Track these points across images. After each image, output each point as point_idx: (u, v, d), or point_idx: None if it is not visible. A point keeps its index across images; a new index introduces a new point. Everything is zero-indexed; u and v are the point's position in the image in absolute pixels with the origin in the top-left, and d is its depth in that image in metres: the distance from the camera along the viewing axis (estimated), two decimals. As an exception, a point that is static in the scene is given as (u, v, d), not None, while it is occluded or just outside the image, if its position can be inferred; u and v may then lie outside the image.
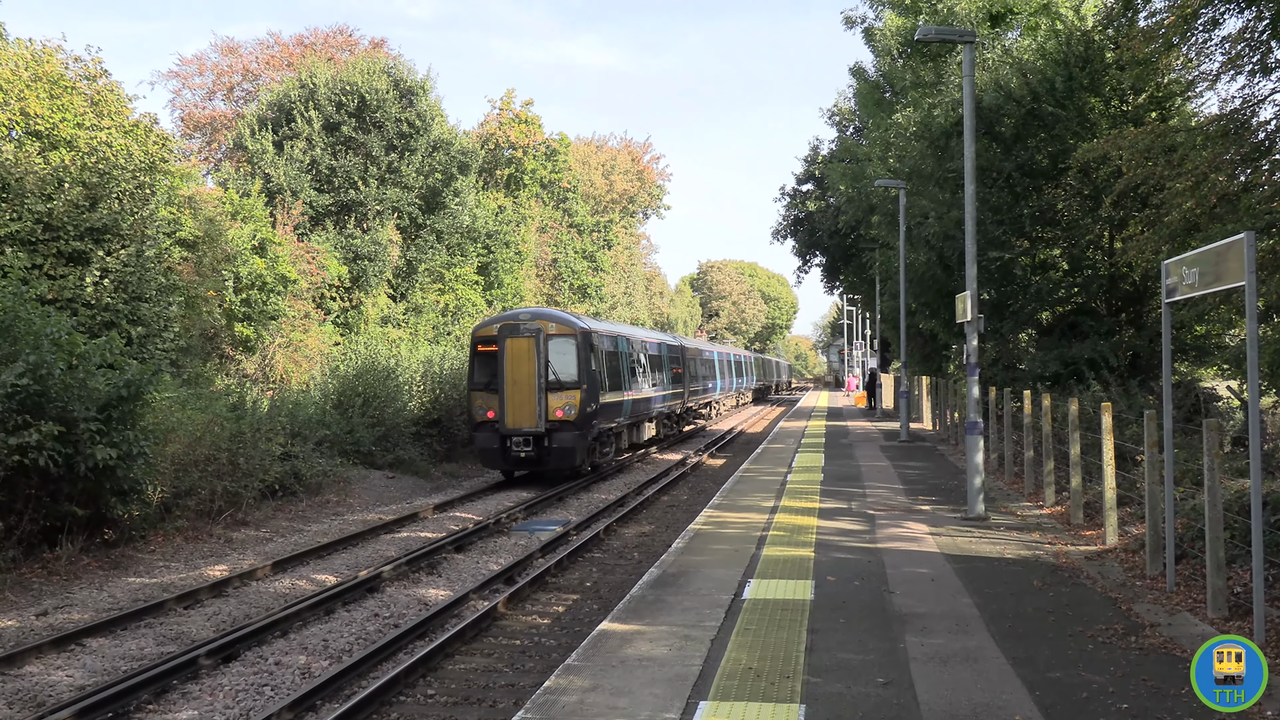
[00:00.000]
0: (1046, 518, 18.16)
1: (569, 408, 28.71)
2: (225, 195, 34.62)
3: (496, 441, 28.61)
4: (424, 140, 44.45)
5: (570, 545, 19.86)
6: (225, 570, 17.59)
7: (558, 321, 29.38)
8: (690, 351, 51.00)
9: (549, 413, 28.57)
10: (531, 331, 28.70)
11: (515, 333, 28.72)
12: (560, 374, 28.84)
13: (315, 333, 36.26)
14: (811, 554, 14.85)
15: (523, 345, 28.61)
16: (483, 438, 28.88)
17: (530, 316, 29.25)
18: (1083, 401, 19.68)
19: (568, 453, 28.80)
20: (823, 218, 61.78)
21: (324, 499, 25.15)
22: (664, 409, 41.39)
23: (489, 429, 28.72)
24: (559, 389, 28.73)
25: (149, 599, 15.40)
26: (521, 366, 28.59)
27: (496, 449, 28.69)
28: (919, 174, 30.49)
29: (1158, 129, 18.90)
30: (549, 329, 28.91)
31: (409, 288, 44.80)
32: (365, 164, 43.30)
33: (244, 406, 24.96)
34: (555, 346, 28.90)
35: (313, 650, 12.93)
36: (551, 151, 66.23)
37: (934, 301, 32.43)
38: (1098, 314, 26.24)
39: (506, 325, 28.98)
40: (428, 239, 44.76)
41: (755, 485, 23.47)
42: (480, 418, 28.86)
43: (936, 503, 20.33)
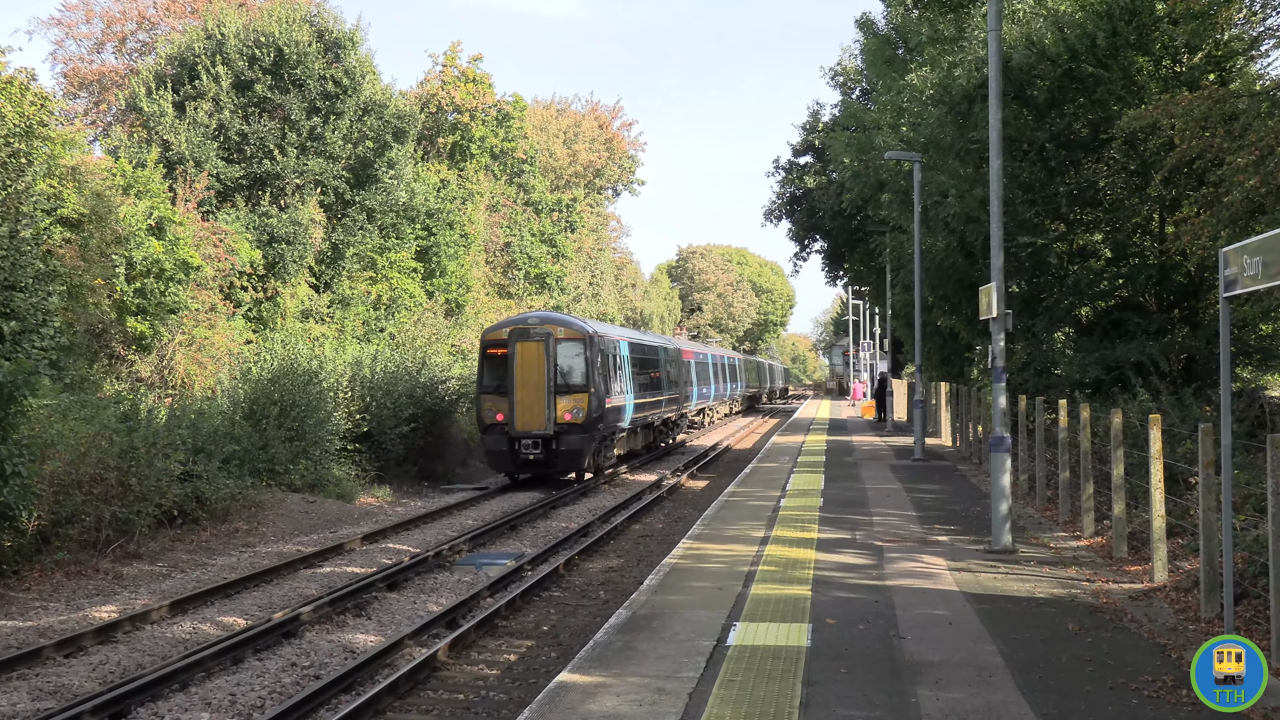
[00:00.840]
0: (1084, 550, 18.23)
1: (577, 410, 33.87)
2: (116, 166, 34.42)
3: (505, 444, 33.63)
4: (353, 102, 44.32)
5: (524, 582, 19.82)
6: (114, 611, 17.47)
7: (566, 326, 34.90)
8: (671, 353, 52.04)
9: (557, 415, 33.63)
10: (541, 335, 33.95)
11: (525, 336, 33.94)
12: (568, 377, 34.14)
13: (223, 329, 36.09)
14: (808, 593, 14.86)
15: (533, 349, 33.80)
16: (492, 440, 33.97)
17: (539, 320, 34.81)
18: (1128, 413, 19.76)
19: (575, 455, 33.96)
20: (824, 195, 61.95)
21: (232, 527, 25.02)
22: (656, 417, 46.06)
23: (498, 431, 33.72)
24: (567, 392, 33.95)
25: (23, 645, 15.28)
26: (531, 370, 33.72)
27: (505, 451, 33.74)
28: (937, 145, 30.60)
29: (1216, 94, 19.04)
30: (558, 333, 34.30)
31: (335, 276, 44.66)
32: (283, 130, 43.14)
33: (137, 416, 24.78)
34: (564, 350, 34.25)
35: (217, 706, 12.86)
36: (504, 116, 66.15)
37: (954, 295, 32.58)
38: (1146, 310, 26.40)
39: (517, 329, 34.18)
40: (357, 218, 44.63)
41: (743, 512, 23.47)
42: (489, 420, 33.85)
43: (956, 533, 20.39)
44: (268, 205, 41.44)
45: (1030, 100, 26.49)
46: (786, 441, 45.10)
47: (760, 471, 32.41)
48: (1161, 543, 15.36)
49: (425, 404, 37.11)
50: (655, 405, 45.85)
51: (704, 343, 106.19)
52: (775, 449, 41.30)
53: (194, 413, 27.61)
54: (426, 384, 38.06)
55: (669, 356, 51.03)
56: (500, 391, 33.70)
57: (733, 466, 41.25)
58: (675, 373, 52.42)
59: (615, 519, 27.81)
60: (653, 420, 45.77)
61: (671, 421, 51.51)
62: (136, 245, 31.85)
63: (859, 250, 60.55)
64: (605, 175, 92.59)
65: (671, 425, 51.74)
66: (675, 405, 51.89)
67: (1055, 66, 25.97)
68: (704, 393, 64.47)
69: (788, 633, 12.69)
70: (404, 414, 35.52)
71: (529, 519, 28.13)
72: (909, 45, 40.64)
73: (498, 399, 33.69)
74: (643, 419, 43.28)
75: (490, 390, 33.95)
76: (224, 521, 25.15)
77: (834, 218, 60.28)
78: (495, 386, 33.88)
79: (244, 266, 38.24)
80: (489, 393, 33.94)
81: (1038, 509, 23.21)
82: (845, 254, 64.55)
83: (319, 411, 31.25)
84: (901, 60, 41.54)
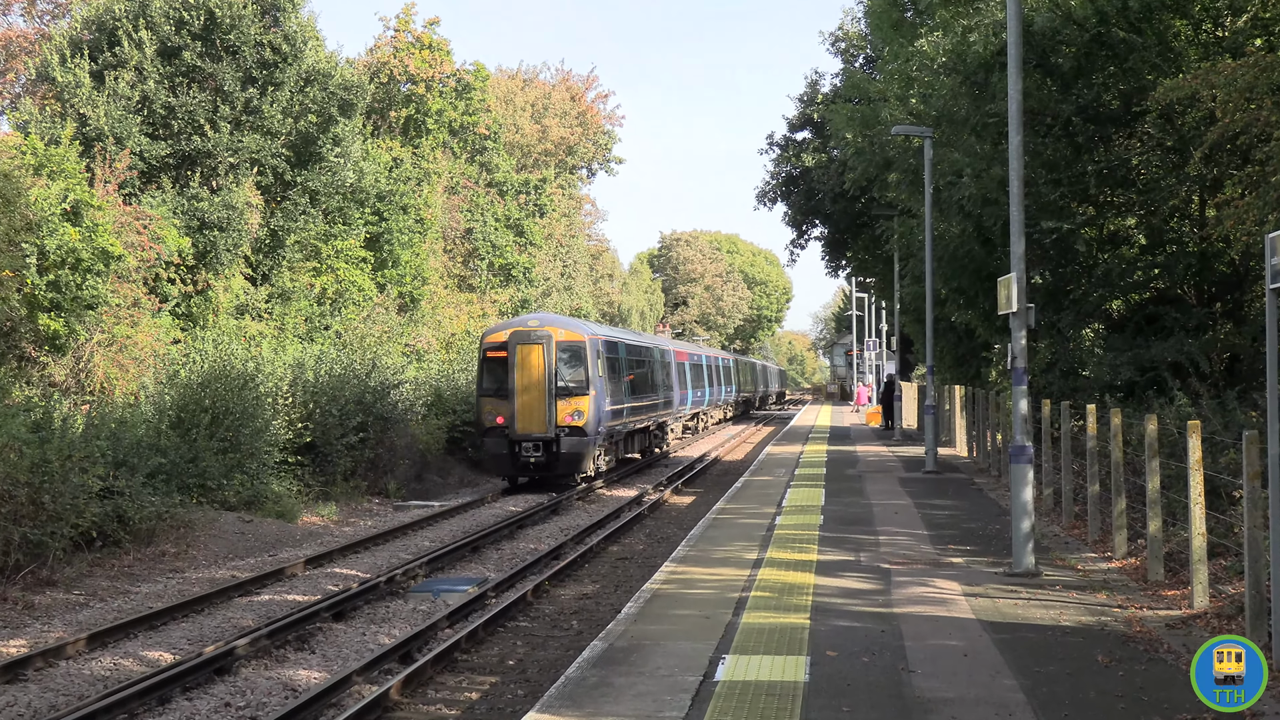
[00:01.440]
0: (1116, 573, 18.29)
1: (577, 413, 37.46)
2: (26, 143, 34.30)
3: (506, 447, 37.36)
4: (293, 71, 44.24)
5: (488, 611, 19.84)
6: (24, 646, 17.42)
7: (567, 328, 38.84)
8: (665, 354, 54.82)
9: (558, 418, 37.16)
10: (542, 338, 37.55)
11: (526, 339, 37.57)
12: (569, 380, 37.76)
13: (147, 327, 35.97)
14: (807, 621, 14.90)
15: (532, 351, 37.41)
16: (492, 443, 37.84)
17: (539, 323, 38.65)
18: (1164, 419, 19.81)
19: (576, 458, 37.71)
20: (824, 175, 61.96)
21: (158, 550, 24.96)
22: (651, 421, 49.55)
23: (498, 435, 37.46)
24: (567, 395, 37.54)
25: (-80, 685, 15.23)
26: (532, 372, 37.36)
27: (506, 455, 37.52)
28: (950, 119, 30.65)
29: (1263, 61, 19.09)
30: (558, 335, 37.97)
31: (274, 267, 44.57)
32: (215, 102, 43.03)
33: (51, 426, 24.69)
34: (564, 352, 37.90)
35: (141, 753, 12.83)
36: (464, 87, 66.09)
37: (970, 287, 32.59)
38: (1184, 303, 26.48)
39: (517, 332, 37.87)
40: (299, 202, 44.53)
41: (733, 531, 23.52)
42: (490, 423, 37.61)
43: (972, 554, 20.45)
44: (198, 187, 41.31)
45: (1054, 69, 26.54)
46: (782, 452, 45.18)
47: (753, 486, 32.48)
48: (1202, 564, 15.40)
49: (376, 411, 37.05)
50: (651, 409, 48.39)
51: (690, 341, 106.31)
52: (770, 460, 41.37)
53: (115, 421, 27.50)
54: (377, 388, 38.00)
55: (662, 358, 53.59)
56: (500, 394, 37.46)
57: (722, 480, 41.33)
58: (668, 375, 54.58)
59: (590, 539, 27.87)
60: (648, 425, 48.40)
61: (667, 426, 54.29)
62: (49, 232, 31.72)
63: (863, 237, 60.60)
64: (578, 153, 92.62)
65: (666, 431, 54.20)
66: (670, 409, 54.25)
67: (1082, 31, 26.04)
68: (699, 397, 64.80)
69: (783, 666, 12.71)
70: (352, 422, 35.46)
71: (493, 540, 28.16)
72: (919, 7, 40.66)
73: (498, 402, 37.43)
74: (635, 423, 45.67)
75: (490, 393, 37.81)
76: (149, 544, 25.05)
77: (835, 200, 60.27)
78: (495, 389, 37.68)
79: (171, 256, 38.11)
80: (489, 395, 37.82)
81: (1063, 527, 23.28)
82: (848, 241, 64.61)
83: (256, 420, 31.17)
84: (910, 24, 41.57)
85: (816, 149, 64.25)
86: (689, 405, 63.86)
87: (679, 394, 58.64)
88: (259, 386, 32.37)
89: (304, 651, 17.47)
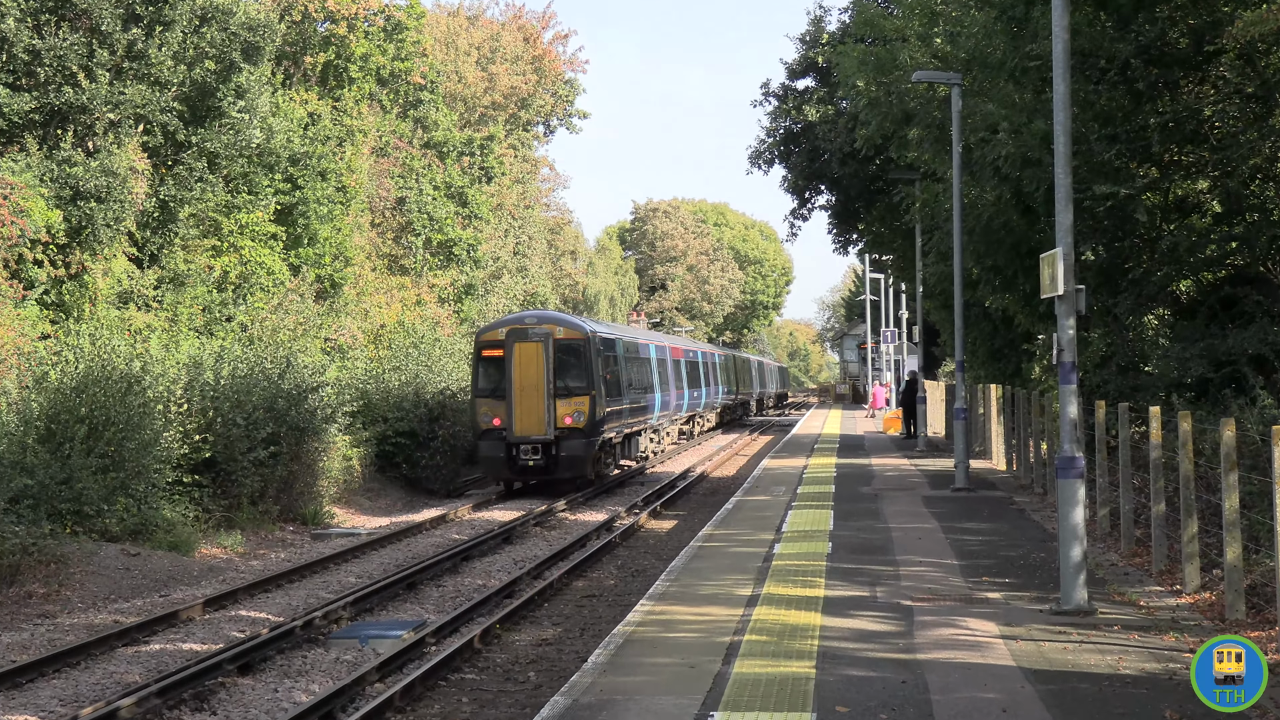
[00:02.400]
0: (1186, 609, 18.31)
1: (578, 414, 41.82)
2: None
3: (503, 450, 41.94)
4: (186, 8, 44.12)
5: (426, 661, 19.81)
6: None
7: (566, 325, 43.56)
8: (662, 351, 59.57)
9: (557, 420, 41.55)
10: (540, 336, 42.09)
11: (523, 337, 42.08)
12: (569, 380, 42.34)
13: (9, 319, 35.89)
14: (812, 670, 14.91)
15: (531, 350, 41.84)
16: (488, 446, 42.53)
17: (537, 320, 43.48)
18: (1245, 424, 19.83)
19: (576, 461, 42.21)
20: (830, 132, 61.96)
21: (23, 590, 24.91)
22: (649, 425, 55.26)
23: (495, 437, 42.16)
24: (567, 395, 42.05)
25: None
26: (530, 372, 41.78)
27: (503, 458, 42.10)
28: (983, 62, 30.67)
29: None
30: (557, 333, 42.55)
31: (164, 246, 44.47)
32: (90, 45, 42.89)
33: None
34: (563, 351, 42.38)
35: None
36: (395, 26, 65.95)
37: (1007, 265, 32.58)
38: (1269, 283, 26.52)
39: (514, 330, 42.54)
40: (194, 167, 44.43)
41: (723, 562, 23.56)
42: (485, 425, 42.29)
43: (1012, 588, 20.47)
44: (70, 149, 41.14)
45: (1109, 1, 26.56)
46: (781, 466, 45.25)
47: (747, 507, 32.51)
48: (1291, 598, 15.44)
49: (290, 420, 36.98)
50: (646, 411, 53.11)
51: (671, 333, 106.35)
52: (767, 476, 41.43)
53: (-30, 434, 27.44)
54: (292, 393, 37.92)
55: (659, 355, 58.95)
56: (496, 395, 42.27)
57: (709, 500, 41.49)
58: (663, 374, 59.20)
59: (550, 573, 27.86)
60: (647, 428, 53.42)
61: (663, 430, 60.24)
62: (-111, 205, 31.63)
63: (878, 205, 60.65)
64: (533, 106, 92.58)
65: (662, 435, 60.21)
66: (668, 412, 59.60)
67: (1143, -47, 26.08)
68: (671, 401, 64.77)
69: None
70: (261, 434, 35.37)
71: (432, 575, 28.14)
72: (945, -73, 40.75)
73: (494, 403, 42.19)
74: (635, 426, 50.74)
75: (486, 394, 42.70)
76: (12, 583, 25.01)
77: (844, 162, 60.27)
78: (491, 390, 42.56)
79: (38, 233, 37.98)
80: (484, 396, 42.68)
81: (1122, 554, 23.33)
82: (860, 211, 64.63)
83: (143, 431, 31.08)
84: (935, -53, 41.62)
85: (821, 100, 64.24)
86: (692, 407, 66.14)
87: (660, 397, 58.68)
88: (147, 391, 32.26)
89: (203, 713, 17.42)
